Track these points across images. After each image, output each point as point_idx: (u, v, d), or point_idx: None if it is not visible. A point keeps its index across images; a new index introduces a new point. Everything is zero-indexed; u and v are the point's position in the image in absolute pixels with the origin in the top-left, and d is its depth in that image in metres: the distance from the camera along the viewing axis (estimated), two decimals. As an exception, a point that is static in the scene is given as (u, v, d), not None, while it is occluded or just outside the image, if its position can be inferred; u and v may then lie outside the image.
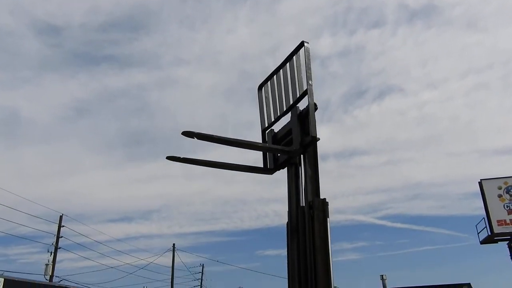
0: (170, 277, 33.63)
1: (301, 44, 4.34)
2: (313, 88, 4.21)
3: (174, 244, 35.07)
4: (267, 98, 4.79)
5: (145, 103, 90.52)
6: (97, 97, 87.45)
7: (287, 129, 4.46)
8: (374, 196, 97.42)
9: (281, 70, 4.64)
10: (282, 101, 4.53)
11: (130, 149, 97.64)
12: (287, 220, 4.12)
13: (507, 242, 24.39)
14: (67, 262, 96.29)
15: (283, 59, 4.53)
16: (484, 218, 24.40)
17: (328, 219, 4.00)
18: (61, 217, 28.09)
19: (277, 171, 4.67)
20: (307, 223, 3.91)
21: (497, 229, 23.65)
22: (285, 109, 4.50)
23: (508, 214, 23.90)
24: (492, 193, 24.46)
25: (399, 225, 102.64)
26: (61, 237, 27.79)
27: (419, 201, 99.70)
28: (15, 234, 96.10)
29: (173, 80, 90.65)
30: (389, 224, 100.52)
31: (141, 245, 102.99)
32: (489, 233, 24.01)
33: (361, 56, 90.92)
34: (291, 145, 4.31)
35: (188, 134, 3.66)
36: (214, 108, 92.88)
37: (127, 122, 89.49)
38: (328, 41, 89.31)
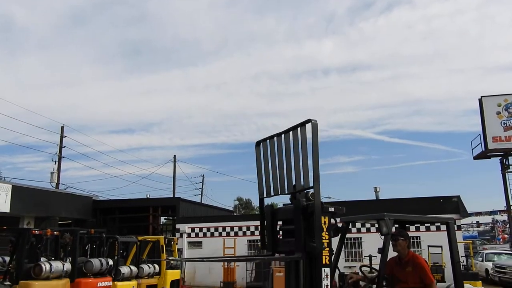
0: (172, 186, 35.03)
1: (308, 120, 3.97)
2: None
3: (175, 156, 36.04)
4: (265, 160, 4.54)
5: (144, 11, 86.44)
6: (93, 5, 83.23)
7: (287, 215, 4.28)
8: (374, 112, 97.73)
9: (283, 135, 4.33)
10: (283, 175, 4.26)
11: (130, 60, 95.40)
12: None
13: (500, 158, 25.01)
14: (72, 171, 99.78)
15: (287, 127, 4.20)
16: (480, 134, 24.77)
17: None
18: (62, 127, 28.48)
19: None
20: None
21: (491, 145, 24.14)
22: (286, 189, 4.25)
23: (504, 131, 24.22)
24: (490, 110, 24.53)
25: (396, 140, 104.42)
26: (64, 147, 28.42)
27: (418, 117, 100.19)
28: (19, 143, 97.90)
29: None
30: (386, 139, 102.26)
31: (143, 156, 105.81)
32: (483, 149, 24.56)
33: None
34: (292, 235, 4.16)
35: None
36: (215, 19, 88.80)
37: (125, 31, 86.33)
38: None
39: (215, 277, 20.00)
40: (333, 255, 4.27)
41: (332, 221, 4.26)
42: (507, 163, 24.85)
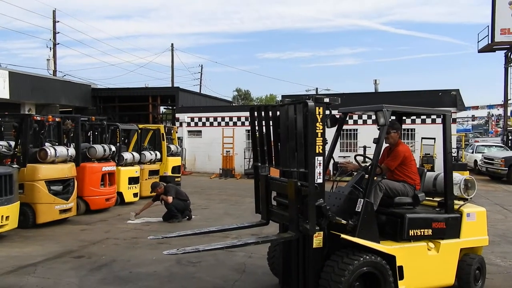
0: (170, 76, 34.64)
1: (304, 102, 3.96)
2: None
3: (172, 44, 34.96)
4: (260, 127, 4.62)
5: None
6: None
7: (282, 190, 4.44)
8: (382, 0, 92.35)
9: (278, 108, 4.36)
10: (278, 148, 4.40)
11: None
12: None
13: (505, 51, 24.46)
14: (69, 58, 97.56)
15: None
16: (488, 26, 23.87)
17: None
18: (54, 11, 27.29)
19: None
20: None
21: (498, 38, 23.44)
22: (280, 164, 4.37)
23: (514, 23, 23.26)
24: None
25: (403, 31, 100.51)
26: (58, 33, 27.55)
27: (428, 7, 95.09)
28: (12, 28, 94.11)
29: None
30: (392, 30, 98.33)
31: (140, 44, 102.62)
32: (490, 42, 23.88)
33: None
34: (285, 207, 4.27)
35: None
36: None
37: None
38: None
39: (215, 164, 20.86)
40: (327, 144, 4.36)
41: (329, 112, 4.29)
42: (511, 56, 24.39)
